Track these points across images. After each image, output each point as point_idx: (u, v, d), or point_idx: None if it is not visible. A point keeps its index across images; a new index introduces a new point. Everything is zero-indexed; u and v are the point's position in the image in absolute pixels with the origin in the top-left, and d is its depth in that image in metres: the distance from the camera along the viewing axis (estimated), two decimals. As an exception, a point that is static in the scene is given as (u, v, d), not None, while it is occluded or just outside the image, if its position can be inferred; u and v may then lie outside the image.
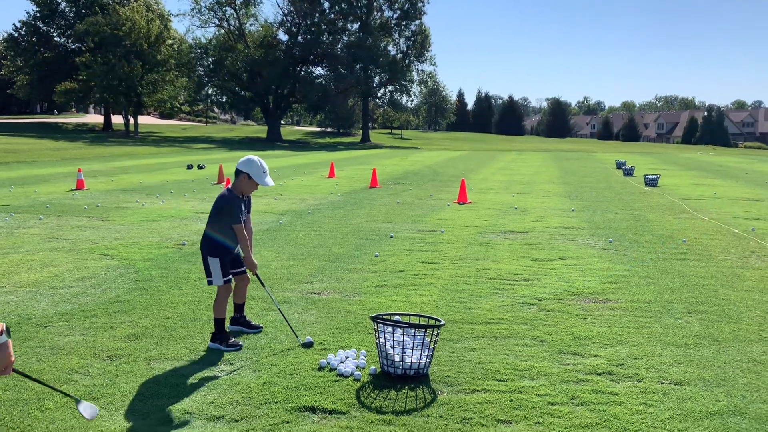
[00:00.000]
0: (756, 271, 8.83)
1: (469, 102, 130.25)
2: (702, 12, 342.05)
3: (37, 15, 70.35)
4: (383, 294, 7.41)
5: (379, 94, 77.50)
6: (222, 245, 5.72)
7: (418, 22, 74.12)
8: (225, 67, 68.76)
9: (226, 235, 5.71)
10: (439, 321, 5.15)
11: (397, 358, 4.93)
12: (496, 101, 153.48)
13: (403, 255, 9.67)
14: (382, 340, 4.99)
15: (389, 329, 4.99)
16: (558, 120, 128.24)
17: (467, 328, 6.18)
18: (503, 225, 12.78)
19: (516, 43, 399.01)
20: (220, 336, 5.65)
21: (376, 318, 5.06)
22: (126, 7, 64.07)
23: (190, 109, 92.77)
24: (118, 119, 75.83)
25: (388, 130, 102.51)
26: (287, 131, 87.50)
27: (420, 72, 76.99)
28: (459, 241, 10.89)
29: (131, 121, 67.84)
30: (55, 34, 72.90)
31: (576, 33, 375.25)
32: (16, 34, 70.64)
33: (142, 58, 64.09)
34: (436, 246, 10.43)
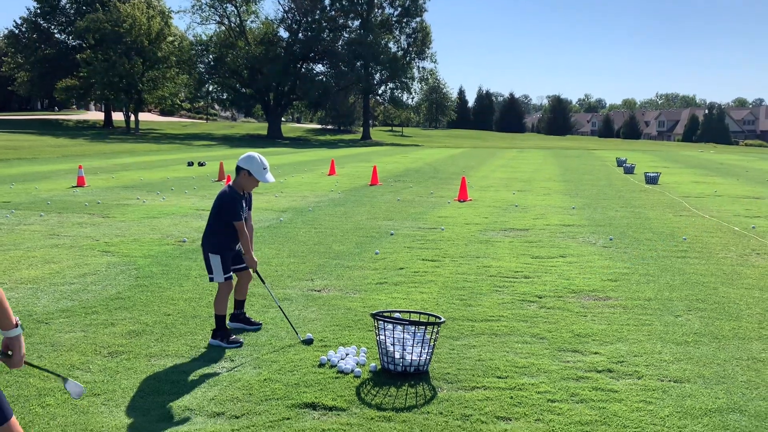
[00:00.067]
0: (756, 269, 8.83)
1: (470, 99, 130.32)
2: (703, 10, 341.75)
3: (38, 11, 70.41)
4: (383, 291, 7.42)
5: (379, 92, 77.50)
6: (223, 242, 5.73)
7: (419, 19, 74.13)
8: (226, 64, 68.80)
9: (227, 233, 5.72)
10: (440, 318, 5.16)
11: (397, 355, 4.94)
12: (497, 99, 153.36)
13: (403, 252, 9.68)
14: (382, 337, 5.00)
15: (389, 326, 5.00)
16: (559, 117, 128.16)
17: (467, 326, 6.19)
18: (504, 222, 12.78)
19: (517, 41, 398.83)
20: (221, 333, 5.66)
21: (376, 315, 5.07)
22: (127, 3, 64.05)
23: (190, 106, 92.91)
24: (118, 116, 75.87)
25: (389, 128, 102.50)
26: (288, 128, 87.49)
27: (421, 69, 77.06)
28: (459, 239, 10.89)
29: (132, 118, 67.88)
30: (55, 31, 72.98)
31: (577, 31, 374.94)
32: (16, 31, 70.75)
33: (143, 55, 64.12)
34: (436, 243, 10.44)
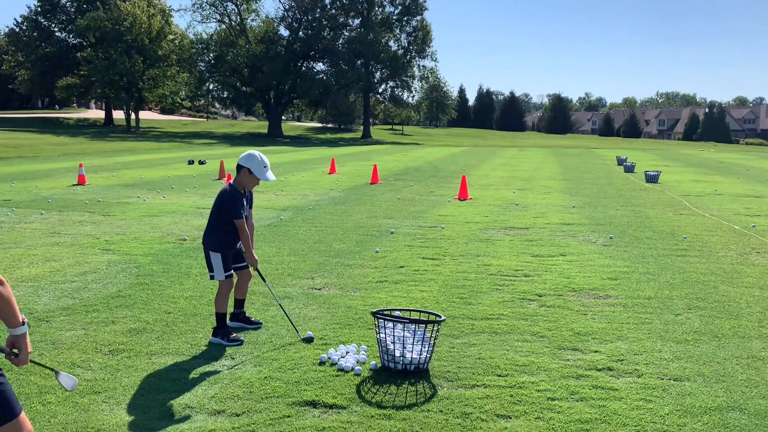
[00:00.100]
0: (756, 267, 8.84)
1: (471, 98, 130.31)
2: (704, 9, 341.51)
3: (38, 10, 70.37)
4: (384, 290, 7.43)
5: (380, 90, 77.50)
6: (224, 240, 5.74)
7: (419, 17, 74.11)
8: (226, 63, 68.81)
9: (227, 231, 5.72)
10: (440, 316, 5.17)
11: (397, 354, 4.95)
12: (497, 97, 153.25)
13: (403, 251, 9.69)
14: (382, 336, 5.01)
15: (390, 325, 5.01)
16: (559, 116, 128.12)
17: (467, 324, 6.20)
18: (504, 221, 12.78)
19: (517, 39, 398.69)
20: (222, 330, 5.67)
21: (376, 313, 5.08)
22: (127, 2, 63.99)
23: (191, 104, 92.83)
24: (119, 114, 75.88)
25: (389, 126, 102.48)
26: (288, 127, 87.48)
27: (421, 68, 77.06)
28: (459, 237, 10.90)
29: (132, 116, 67.88)
30: (56, 29, 72.95)
31: (577, 29, 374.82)
32: (17, 29, 70.73)
33: (143, 54, 64.10)
34: (436, 242, 10.45)
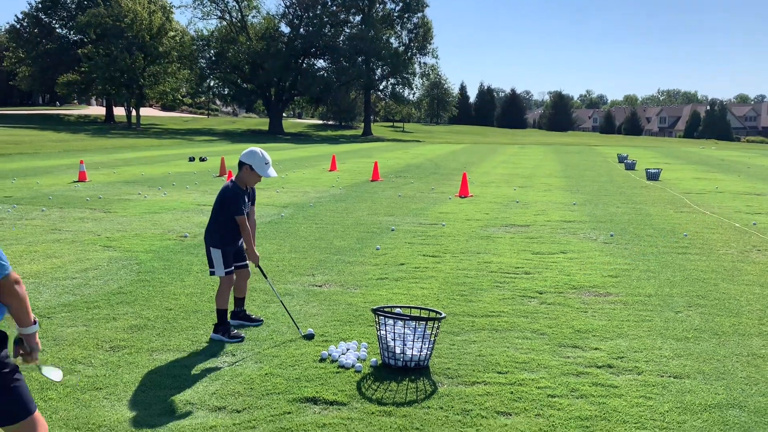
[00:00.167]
0: (757, 265, 8.84)
1: (472, 95, 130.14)
2: (705, 6, 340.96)
3: (39, 6, 70.24)
4: (384, 287, 7.44)
5: (381, 87, 77.38)
6: (225, 237, 5.75)
7: (420, 14, 73.95)
8: (227, 59, 68.72)
9: (229, 227, 5.73)
10: (440, 313, 5.18)
11: (398, 350, 4.96)
12: (498, 94, 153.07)
13: (404, 248, 9.69)
14: (383, 333, 5.02)
15: (390, 321, 5.02)
16: (560, 113, 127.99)
17: (468, 321, 6.21)
18: (505, 218, 12.79)
19: (519, 37, 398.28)
20: (223, 327, 5.68)
21: (377, 310, 5.09)
22: (128, -2, 63.94)
23: (191, 101, 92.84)
24: (120, 111, 75.84)
25: (390, 123, 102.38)
26: (289, 124, 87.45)
27: (422, 65, 76.94)
28: (460, 235, 10.90)
29: (133, 113, 67.84)
30: (57, 26, 72.83)
31: (579, 26, 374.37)
32: (18, 26, 70.59)
33: (144, 50, 64.02)
34: (437, 239, 10.45)
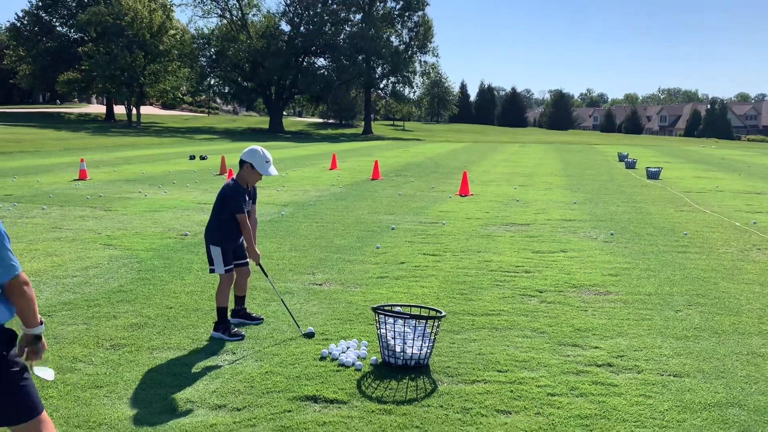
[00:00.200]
0: (757, 264, 8.85)
1: (472, 94, 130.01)
2: (706, 4, 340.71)
3: (40, 4, 70.23)
4: (384, 285, 7.45)
5: (381, 86, 77.33)
6: (225, 235, 5.75)
7: (420, 13, 73.88)
8: (227, 58, 68.68)
9: (229, 225, 5.73)
10: (440, 312, 5.18)
11: (398, 349, 4.96)
12: (498, 93, 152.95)
13: (404, 247, 9.70)
14: (383, 331, 5.02)
15: (390, 320, 5.02)
16: (561, 112, 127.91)
17: (468, 320, 6.21)
18: (505, 217, 12.79)
19: (519, 35, 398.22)
20: (223, 325, 5.69)
21: (377, 309, 5.09)
22: (128, -4, 63.91)
23: (192, 99, 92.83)
24: (120, 109, 75.84)
25: (391, 122, 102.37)
26: (289, 122, 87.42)
27: (422, 63, 76.84)
28: (460, 233, 10.91)
29: (133, 111, 67.85)
30: (57, 24, 72.81)
31: (579, 25, 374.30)
32: (18, 24, 70.57)
33: (145, 49, 64.02)
34: (437, 238, 10.46)
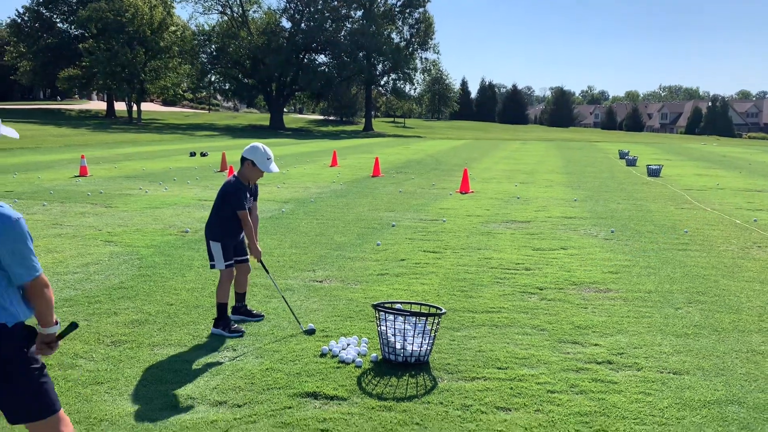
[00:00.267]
0: (757, 261, 8.85)
1: (473, 91, 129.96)
2: (707, 2, 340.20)
3: (40, 0, 70.12)
4: (385, 282, 7.45)
5: (382, 83, 77.25)
6: (225, 231, 5.76)
7: (421, 9, 73.79)
8: (228, 55, 68.65)
9: (230, 222, 5.74)
10: (440, 309, 5.19)
11: (398, 346, 4.97)
12: (499, 90, 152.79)
13: (404, 244, 9.71)
14: (383, 328, 5.03)
15: (390, 317, 5.03)
16: (562, 109, 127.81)
17: (468, 317, 6.22)
18: (505, 214, 12.80)
19: (520, 32, 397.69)
20: (223, 322, 5.70)
21: (377, 306, 5.10)
22: (129, -7, 63.79)
23: (192, 96, 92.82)
24: (121, 106, 75.77)
25: (391, 119, 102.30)
26: (290, 119, 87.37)
27: (423, 60, 76.78)
28: (461, 231, 10.92)
29: (134, 107, 67.81)
30: (58, 20, 72.71)
31: (580, 22, 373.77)
32: (19, 20, 70.48)
33: (145, 45, 63.94)
34: (437, 235, 10.47)
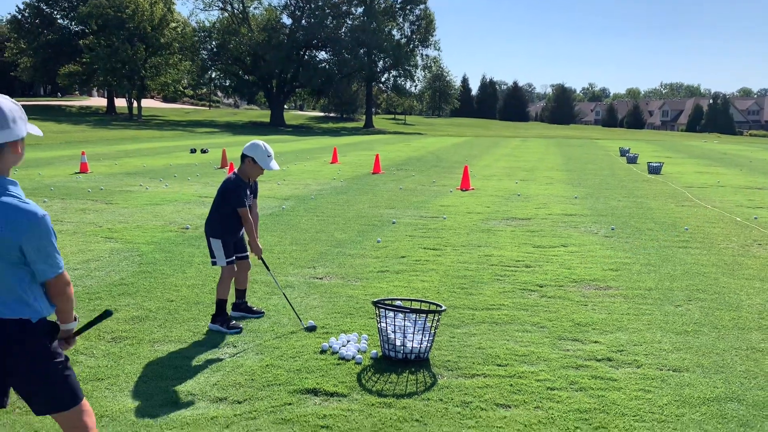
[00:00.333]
0: (757, 259, 8.85)
1: (474, 88, 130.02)
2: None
3: (41, -3, 70.05)
4: (385, 279, 7.46)
5: (382, 79, 77.23)
6: (225, 228, 5.76)
7: (422, 6, 73.71)
8: (228, 51, 68.60)
9: (229, 219, 5.75)
10: (440, 306, 5.20)
11: (398, 343, 4.98)
12: (500, 87, 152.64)
13: (405, 241, 9.71)
14: (383, 325, 5.04)
15: (391, 314, 5.04)
16: (562, 106, 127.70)
17: (468, 314, 6.23)
18: (506, 212, 12.80)
19: (521, 29, 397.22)
20: (221, 318, 5.70)
21: (377, 303, 5.11)
22: (129, -11, 63.71)
23: (193, 92, 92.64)
24: (121, 102, 75.71)
25: (392, 116, 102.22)
26: (290, 116, 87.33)
27: (424, 57, 76.75)
28: (461, 228, 10.92)
29: (134, 104, 67.77)
30: (58, 16, 72.58)
31: (581, 19, 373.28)
32: (19, 16, 70.37)
33: (146, 42, 63.92)
34: (438, 232, 10.47)
